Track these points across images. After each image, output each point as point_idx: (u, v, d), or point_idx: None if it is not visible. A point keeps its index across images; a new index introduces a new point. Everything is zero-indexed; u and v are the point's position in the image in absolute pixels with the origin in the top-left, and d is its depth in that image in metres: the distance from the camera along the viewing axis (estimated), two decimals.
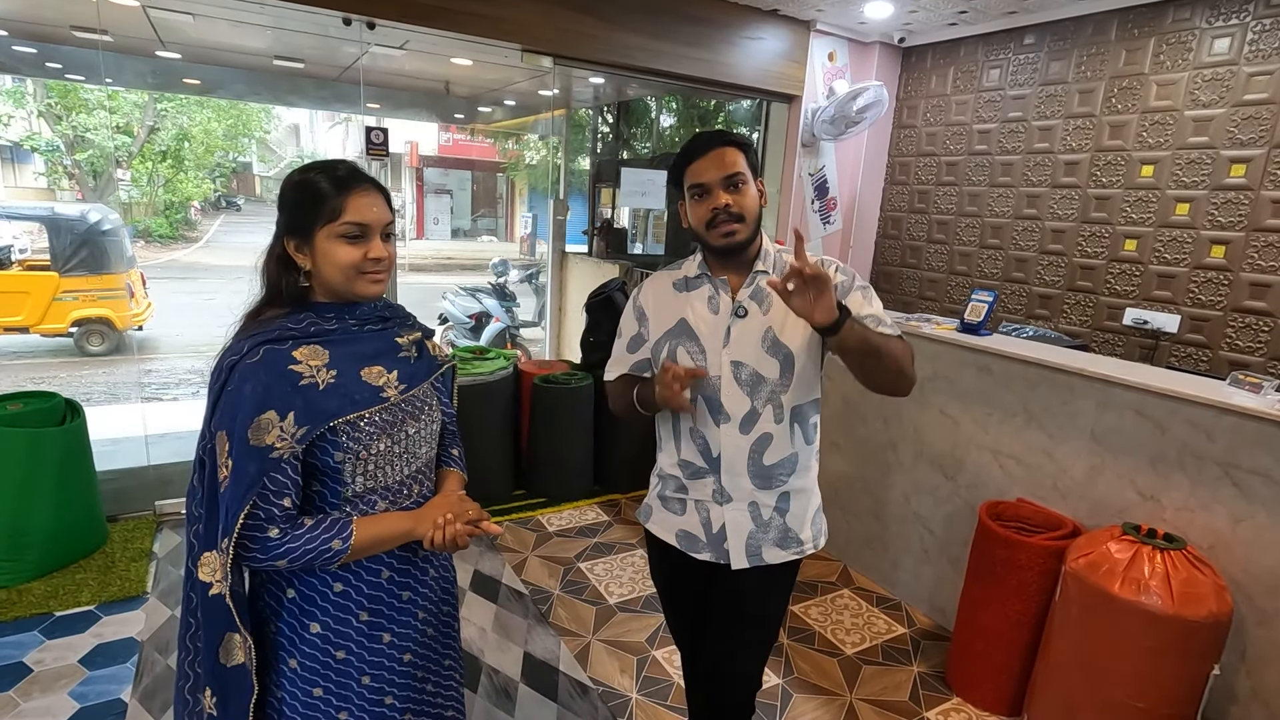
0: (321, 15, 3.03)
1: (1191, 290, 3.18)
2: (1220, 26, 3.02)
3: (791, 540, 1.45)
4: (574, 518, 3.41)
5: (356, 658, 1.11)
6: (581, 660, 2.36)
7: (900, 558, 2.83)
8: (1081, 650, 1.89)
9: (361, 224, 1.06)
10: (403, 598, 1.16)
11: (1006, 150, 3.86)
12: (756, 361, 1.36)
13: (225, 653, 1.04)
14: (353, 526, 1.05)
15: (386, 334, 1.16)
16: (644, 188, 4.17)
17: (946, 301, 4.27)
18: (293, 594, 1.09)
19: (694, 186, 1.35)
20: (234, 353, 1.04)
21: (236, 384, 1.01)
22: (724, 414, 1.38)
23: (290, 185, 1.09)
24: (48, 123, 13.64)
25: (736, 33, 3.87)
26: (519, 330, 6.97)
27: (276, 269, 1.09)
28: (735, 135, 1.37)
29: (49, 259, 6.72)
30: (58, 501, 2.59)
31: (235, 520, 0.97)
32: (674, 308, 1.45)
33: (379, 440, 1.09)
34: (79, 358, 7.03)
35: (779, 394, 1.37)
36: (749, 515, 1.42)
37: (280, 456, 1.00)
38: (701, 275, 1.43)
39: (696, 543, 1.46)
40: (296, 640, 1.09)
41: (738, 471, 1.40)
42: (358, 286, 1.09)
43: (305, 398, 1.02)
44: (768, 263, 1.41)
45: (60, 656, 2.20)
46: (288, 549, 1.01)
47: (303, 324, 1.07)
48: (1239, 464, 1.87)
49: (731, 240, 1.34)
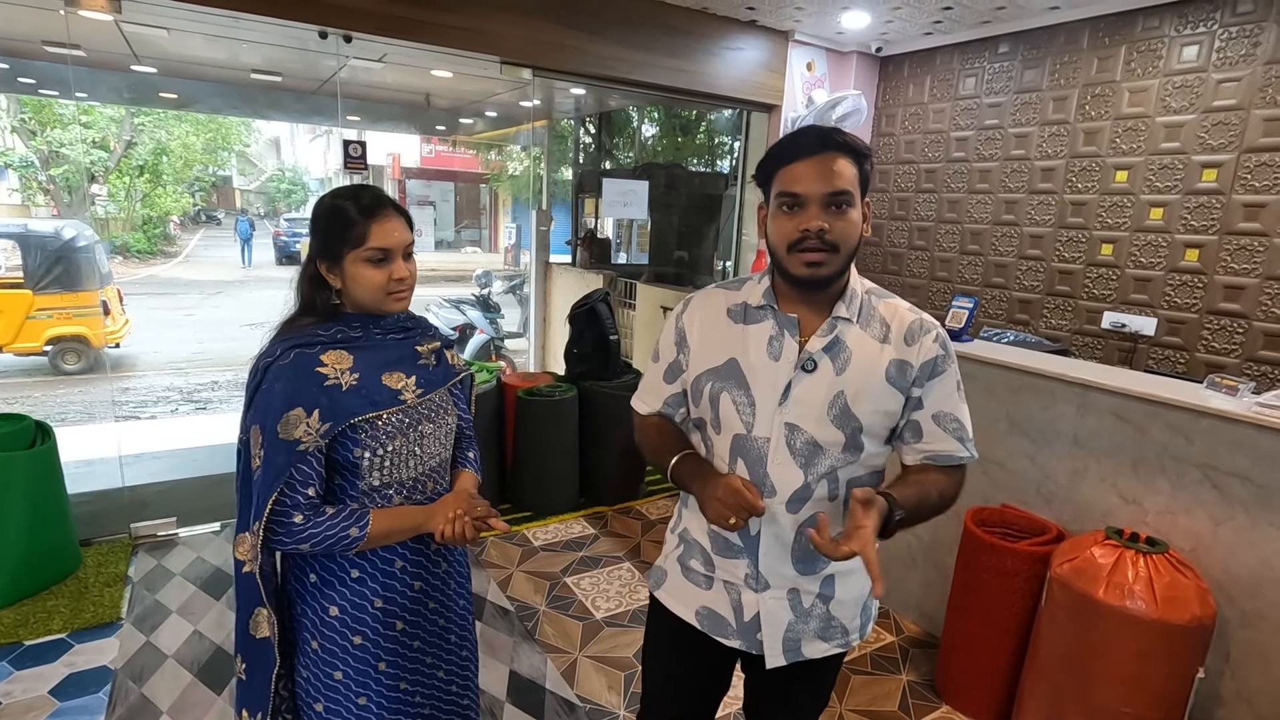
0: (298, 29, 3.01)
1: (1168, 293, 3.22)
2: (1189, 34, 3.08)
3: (835, 631, 1.21)
4: (560, 531, 3.38)
5: (373, 644, 1.20)
6: (568, 677, 2.33)
7: (888, 565, 2.82)
8: (1068, 655, 1.89)
9: (384, 249, 1.16)
10: (415, 587, 1.24)
11: (984, 157, 3.91)
12: (817, 429, 1.10)
13: (254, 625, 1.16)
14: (369, 517, 1.14)
15: (407, 343, 1.25)
16: (625, 198, 4.17)
17: (928, 308, 4.27)
18: (314, 578, 1.19)
19: (784, 195, 1.07)
20: (268, 355, 1.15)
21: (269, 383, 1.11)
22: (769, 486, 1.12)
23: (321, 211, 1.19)
24: (21, 138, 13.45)
25: (716, 43, 3.90)
26: (503, 342, 6.94)
27: (310, 287, 1.20)
28: (853, 140, 1.09)
29: (22, 276, 6.60)
30: (28, 527, 2.52)
31: (265, 505, 1.08)
32: (725, 341, 1.17)
33: (395, 439, 1.18)
34: (54, 376, 6.90)
35: (838, 469, 1.12)
36: (788, 604, 1.18)
37: (306, 449, 1.10)
38: (766, 306, 1.15)
39: (724, 626, 1.21)
40: (318, 623, 1.19)
41: (778, 556, 1.15)
42: (385, 305, 1.20)
43: (330, 397, 1.12)
44: (852, 307, 1.13)
45: (30, 688, 2.13)
46: (310, 534, 1.10)
47: (331, 331, 1.17)
48: (1218, 466, 1.89)
49: (817, 273, 1.07)
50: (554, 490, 3.58)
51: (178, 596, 2.66)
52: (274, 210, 23.50)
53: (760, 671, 1.26)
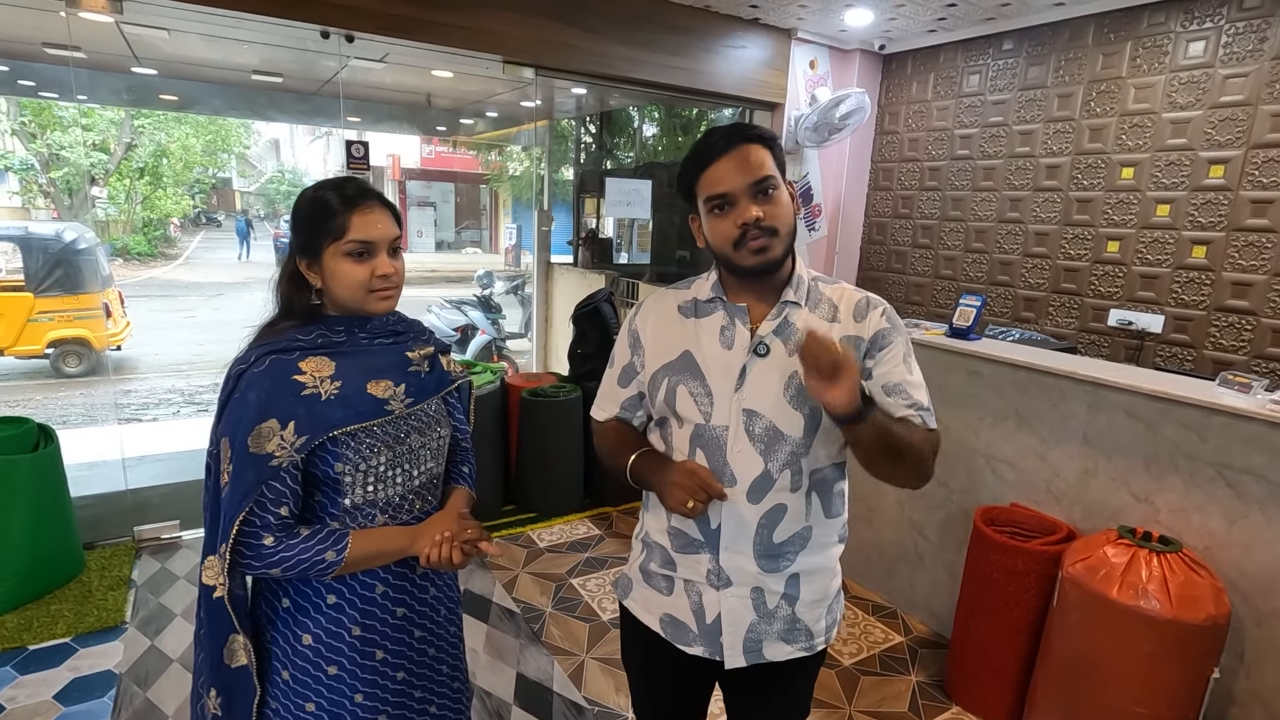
0: (299, 29, 3.00)
1: (1175, 290, 3.20)
2: (1195, 30, 3.06)
3: (800, 634, 1.18)
4: (565, 532, 3.36)
5: (349, 674, 1.10)
6: (575, 680, 2.31)
7: (896, 565, 2.81)
8: (1081, 656, 1.87)
9: (366, 241, 1.07)
10: (397, 614, 1.14)
11: (988, 155, 3.89)
12: (775, 413, 1.10)
13: (229, 653, 1.07)
14: (348, 539, 1.05)
15: (397, 348, 1.16)
16: (628, 197, 4.15)
17: (933, 306, 4.28)
18: (287, 603, 1.10)
19: (713, 198, 1.09)
20: (242, 361, 1.06)
21: (242, 392, 1.03)
22: (729, 475, 1.11)
23: (302, 203, 1.10)
24: (21, 141, 13.43)
25: (718, 41, 3.88)
26: (505, 342, 6.93)
27: (289, 287, 1.12)
28: (758, 129, 1.11)
29: (23, 279, 6.59)
30: (31, 531, 2.51)
31: (231, 525, 0.99)
32: (678, 336, 1.18)
33: (380, 453, 1.09)
34: (56, 379, 6.88)
35: (800, 456, 1.11)
36: (750, 604, 1.15)
37: (279, 465, 1.01)
38: (715, 299, 1.17)
39: (686, 633, 1.18)
40: (290, 652, 1.09)
41: (740, 550, 1.13)
42: (368, 304, 1.10)
43: (307, 407, 1.03)
44: (800, 291, 1.15)
45: (34, 693, 2.12)
46: (281, 558, 1.02)
47: (311, 336, 1.08)
48: (1231, 464, 1.87)
49: (765, 258, 1.08)
50: (559, 491, 3.56)
51: (182, 600, 2.65)
52: (273, 212, 23.50)
53: (731, 683, 1.24)
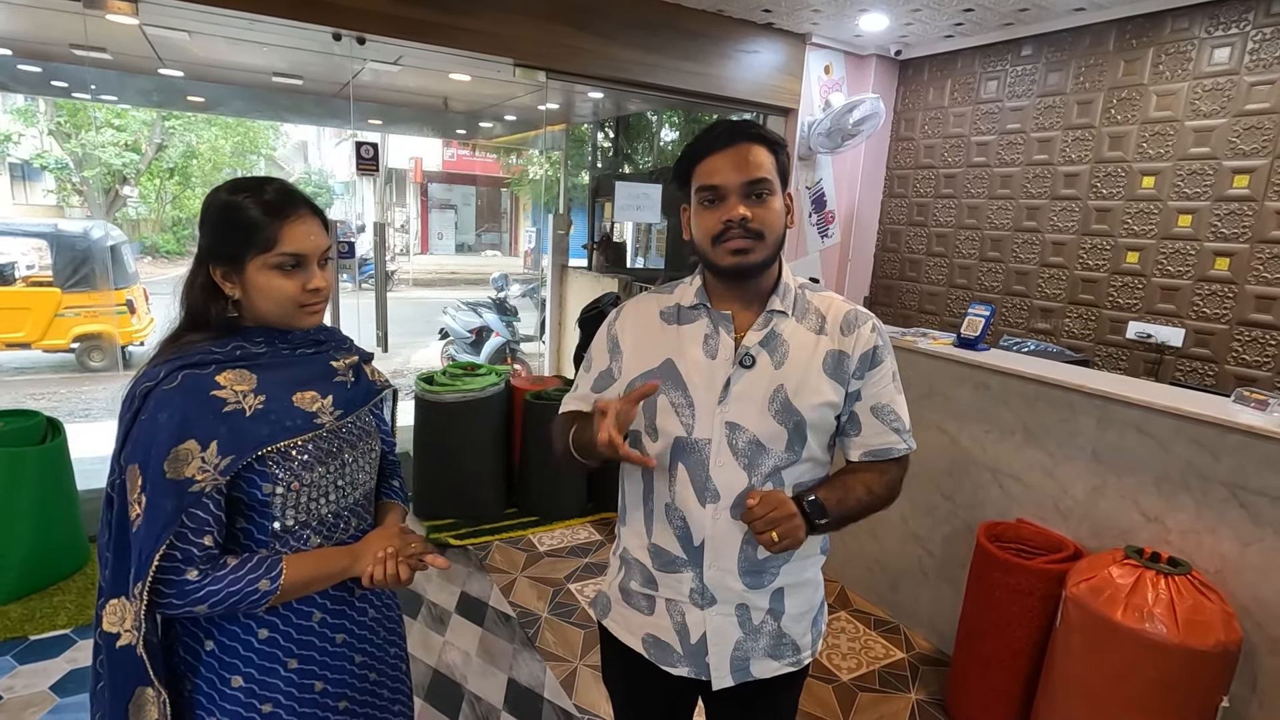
0: (312, 31, 3.03)
1: (1196, 303, 3.11)
2: (1220, 36, 2.97)
3: (786, 649, 1.16)
4: (565, 537, 3.34)
5: (286, 710, 1.01)
6: (567, 687, 2.29)
7: (899, 580, 2.75)
8: (1084, 680, 1.81)
9: (298, 254, 0.99)
10: (336, 640, 1.06)
11: (1005, 162, 3.82)
12: (759, 427, 1.07)
13: (136, 709, 0.95)
14: (282, 565, 0.96)
15: (320, 358, 1.09)
16: (638, 202, 4.14)
17: (946, 315, 4.20)
18: (211, 645, 0.99)
19: (704, 189, 1.06)
20: (149, 379, 0.95)
21: (151, 412, 0.93)
22: (712, 490, 1.08)
23: (215, 207, 0.99)
24: (57, 141, 13.81)
25: (732, 46, 3.86)
26: (519, 345, 6.94)
27: (201, 297, 1.00)
28: (765, 131, 1.08)
29: (52, 275, 6.76)
30: (37, 522, 2.55)
31: (149, 562, 0.89)
32: (659, 343, 1.14)
33: (313, 470, 1.01)
34: (80, 373, 7.03)
35: (782, 469, 1.09)
36: (736, 622, 1.12)
37: (201, 490, 0.92)
38: (699, 305, 1.13)
39: (670, 653, 1.15)
40: (216, 697, 0.99)
41: (724, 567, 1.10)
42: (295, 319, 1.02)
43: (230, 425, 0.94)
44: (786, 300, 1.11)
45: (31, 683, 2.14)
46: (208, 592, 0.92)
47: (228, 348, 0.99)
48: (1246, 484, 1.80)
49: (743, 260, 1.05)
50: (561, 495, 3.55)
51: None
52: None
53: (714, 699, 1.20)
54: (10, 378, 6.92)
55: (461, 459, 3.38)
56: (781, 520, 0.97)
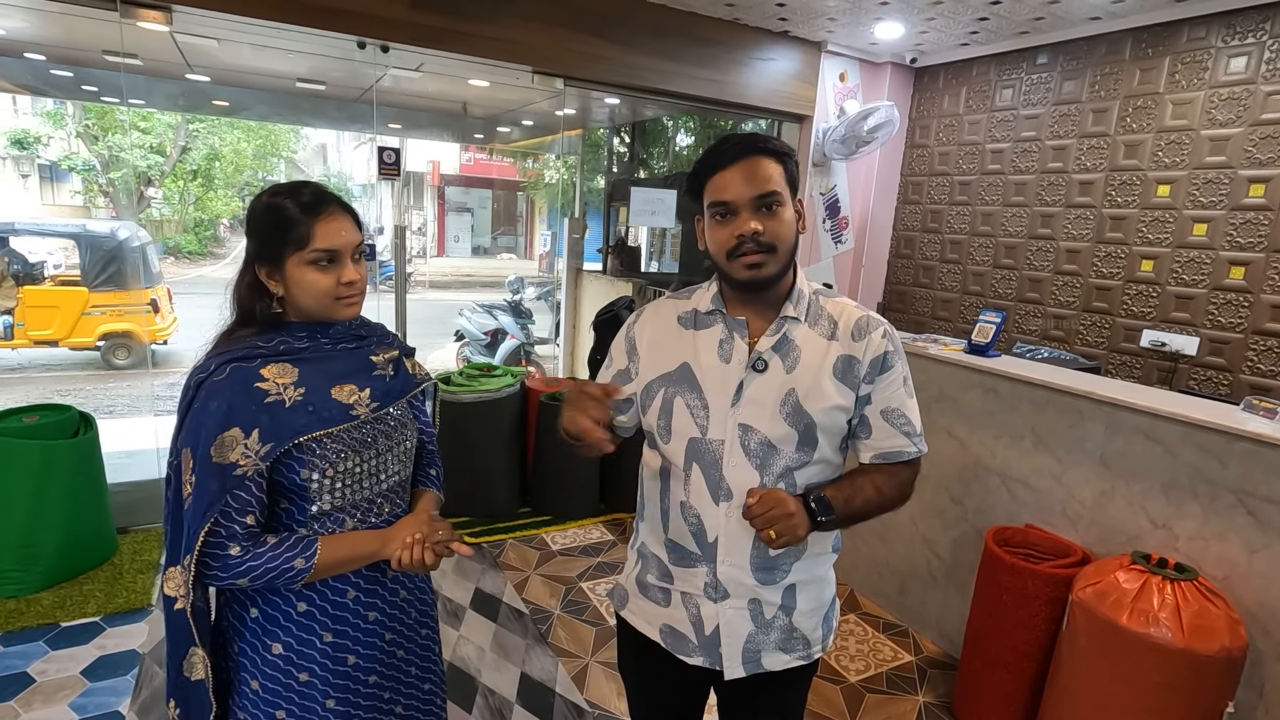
0: (338, 39, 3.11)
1: (1210, 312, 3.10)
2: (1236, 45, 2.98)
3: (797, 642, 1.20)
4: (578, 536, 3.39)
5: (320, 680, 1.09)
6: (579, 682, 2.33)
7: (908, 583, 2.77)
8: (1090, 684, 1.82)
9: (331, 250, 1.06)
10: (369, 619, 1.13)
11: (1020, 170, 3.83)
12: (770, 428, 1.11)
13: (189, 666, 1.04)
14: (317, 545, 1.04)
15: (361, 352, 1.15)
16: (653, 206, 4.19)
17: (960, 322, 4.21)
18: (256, 613, 1.08)
19: (716, 205, 1.10)
20: (201, 370, 1.04)
21: (202, 401, 1.01)
22: (725, 490, 1.12)
23: (258, 210, 1.08)
24: (85, 143, 14.11)
25: (747, 53, 3.90)
26: (534, 347, 7.01)
27: (248, 295, 1.09)
28: (773, 142, 1.12)
29: (79, 274, 6.93)
30: (68, 513, 2.63)
31: (196, 537, 0.98)
32: (675, 347, 1.19)
33: (348, 458, 1.08)
34: (106, 371, 7.19)
35: (794, 469, 1.12)
36: (748, 615, 1.16)
37: (244, 474, 1.00)
38: (715, 312, 1.17)
39: (686, 644, 1.20)
40: (259, 661, 1.07)
41: (737, 563, 1.14)
42: (334, 311, 1.09)
43: (271, 415, 1.02)
44: (800, 306, 1.15)
45: (63, 668, 2.23)
46: (249, 567, 1.00)
47: (273, 343, 1.07)
48: (1254, 492, 1.81)
49: (758, 274, 1.09)
50: (574, 495, 3.60)
51: None
52: None
53: (726, 688, 1.24)
54: (38, 374, 7.09)
55: (477, 458, 3.44)
56: (779, 518, 1.02)
